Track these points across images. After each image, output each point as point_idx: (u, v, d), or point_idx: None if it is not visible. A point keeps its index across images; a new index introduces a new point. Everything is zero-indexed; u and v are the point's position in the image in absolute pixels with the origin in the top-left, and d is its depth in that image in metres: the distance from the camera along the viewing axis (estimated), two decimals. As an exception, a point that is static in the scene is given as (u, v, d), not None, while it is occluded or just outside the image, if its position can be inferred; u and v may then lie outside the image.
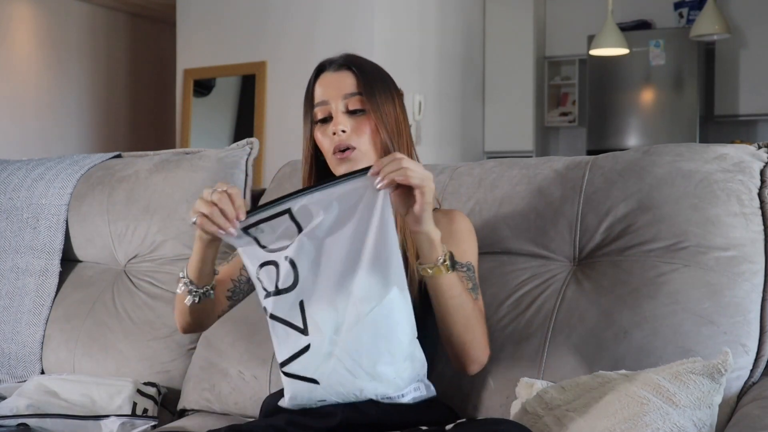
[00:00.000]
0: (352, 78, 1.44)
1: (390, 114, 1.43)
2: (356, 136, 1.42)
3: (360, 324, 1.23)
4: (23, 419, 1.63)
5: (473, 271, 1.45)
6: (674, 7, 5.85)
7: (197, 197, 1.27)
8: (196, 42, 5.07)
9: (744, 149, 1.55)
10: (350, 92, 1.43)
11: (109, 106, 6.49)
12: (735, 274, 1.43)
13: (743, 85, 5.68)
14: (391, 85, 1.48)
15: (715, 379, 1.23)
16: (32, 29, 5.88)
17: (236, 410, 1.74)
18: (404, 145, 1.45)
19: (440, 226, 1.44)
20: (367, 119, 1.42)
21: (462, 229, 1.48)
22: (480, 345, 1.39)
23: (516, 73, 6.03)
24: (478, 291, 1.44)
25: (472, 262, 1.46)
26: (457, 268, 1.37)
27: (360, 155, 1.42)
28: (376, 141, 1.43)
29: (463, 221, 1.49)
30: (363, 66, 1.46)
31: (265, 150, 4.68)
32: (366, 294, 1.22)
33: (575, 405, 1.30)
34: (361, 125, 1.42)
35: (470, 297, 1.37)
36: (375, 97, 1.42)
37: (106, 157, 2.28)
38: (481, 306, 1.44)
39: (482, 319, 1.41)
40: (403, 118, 1.47)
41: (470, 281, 1.43)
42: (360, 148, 1.42)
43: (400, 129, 1.45)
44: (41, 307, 2.07)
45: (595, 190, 1.58)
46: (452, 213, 1.51)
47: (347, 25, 4.57)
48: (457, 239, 1.47)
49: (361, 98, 1.42)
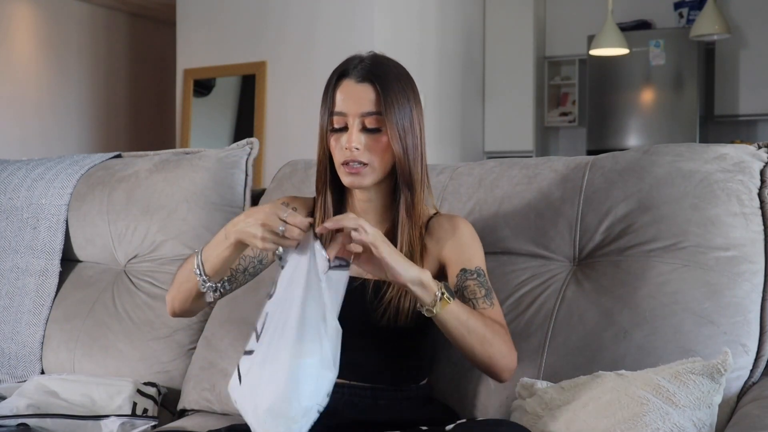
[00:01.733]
0: (373, 94, 1.39)
1: (407, 132, 1.41)
2: (369, 154, 1.40)
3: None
4: (23, 419, 1.63)
5: (484, 276, 1.43)
6: (674, 7, 5.85)
7: (197, 197, 1.27)
8: (196, 42, 5.07)
9: (744, 149, 1.55)
10: (369, 111, 1.39)
11: (109, 106, 6.49)
12: (735, 274, 1.43)
13: (743, 85, 5.67)
14: (413, 97, 1.44)
15: (714, 379, 1.23)
16: (32, 29, 5.88)
17: (236, 410, 1.74)
18: (418, 160, 1.43)
19: (443, 233, 1.44)
20: (383, 138, 1.40)
21: (466, 235, 1.46)
22: (505, 354, 1.36)
23: (516, 73, 6.03)
24: (493, 296, 1.42)
25: (481, 266, 1.45)
26: (468, 285, 1.39)
27: (370, 171, 1.41)
28: (387, 159, 1.42)
29: (465, 227, 1.48)
30: (386, 80, 1.41)
31: (265, 150, 4.68)
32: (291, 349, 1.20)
33: (575, 405, 1.30)
34: (376, 144, 1.40)
35: (479, 317, 1.34)
36: (394, 117, 1.39)
37: (106, 157, 2.28)
38: (497, 311, 1.41)
39: (500, 328, 1.38)
40: (420, 132, 1.44)
41: (483, 287, 1.41)
42: (371, 165, 1.41)
43: (416, 144, 1.43)
44: (41, 307, 2.07)
45: (595, 190, 1.58)
46: (454, 219, 1.49)
47: (347, 25, 4.57)
48: (462, 246, 1.45)
49: (379, 118, 1.39)
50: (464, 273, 1.42)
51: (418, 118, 1.43)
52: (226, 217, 1.99)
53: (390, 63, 1.46)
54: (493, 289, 1.43)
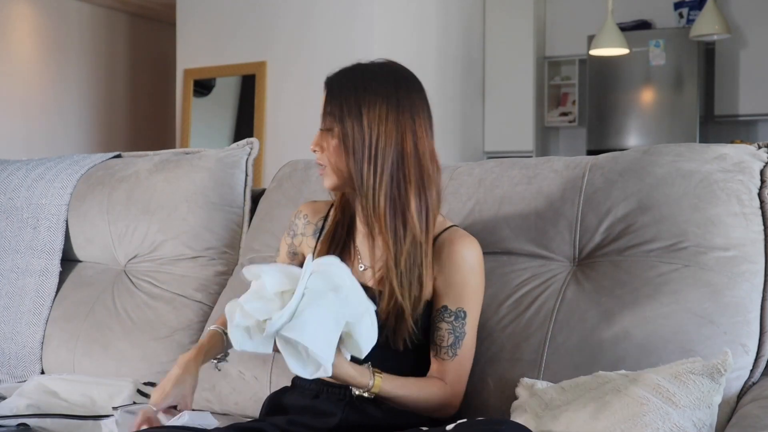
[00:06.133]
0: (327, 95, 1.41)
1: (357, 136, 1.36)
2: (324, 155, 1.41)
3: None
4: (23, 419, 1.63)
5: (463, 318, 1.40)
6: (674, 7, 5.84)
7: (197, 197, 1.28)
8: (196, 42, 5.07)
9: (744, 149, 1.55)
10: (324, 110, 1.41)
11: (109, 106, 6.49)
12: (735, 274, 1.43)
13: (743, 85, 5.67)
14: (379, 102, 1.37)
15: (714, 379, 1.23)
16: (32, 29, 5.88)
17: (236, 410, 1.74)
18: (367, 167, 1.36)
19: (442, 257, 1.41)
20: (333, 139, 1.39)
21: (461, 268, 1.41)
22: (439, 409, 1.41)
23: (516, 73, 6.03)
24: (460, 344, 1.40)
25: (465, 306, 1.41)
26: (440, 327, 1.40)
27: (328, 173, 1.42)
28: (339, 163, 1.39)
29: (464, 258, 1.41)
30: (340, 82, 1.40)
31: (265, 150, 4.68)
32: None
33: (575, 405, 1.30)
34: (328, 145, 1.40)
35: (412, 387, 1.37)
36: (339, 118, 1.38)
37: (106, 157, 2.28)
38: (458, 362, 1.41)
39: (436, 390, 1.39)
40: (376, 140, 1.36)
41: (453, 334, 1.39)
42: (328, 167, 1.41)
43: (375, 153, 1.36)
44: (41, 307, 2.07)
45: (595, 190, 1.58)
46: (455, 244, 1.42)
47: (347, 26, 4.57)
48: (452, 279, 1.41)
49: (331, 118, 1.39)
50: (443, 312, 1.41)
51: (379, 124, 1.36)
52: (226, 217, 1.99)
53: (369, 69, 1.42)
54: (466, 334, 1.41)
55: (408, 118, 1.38)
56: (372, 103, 1.37)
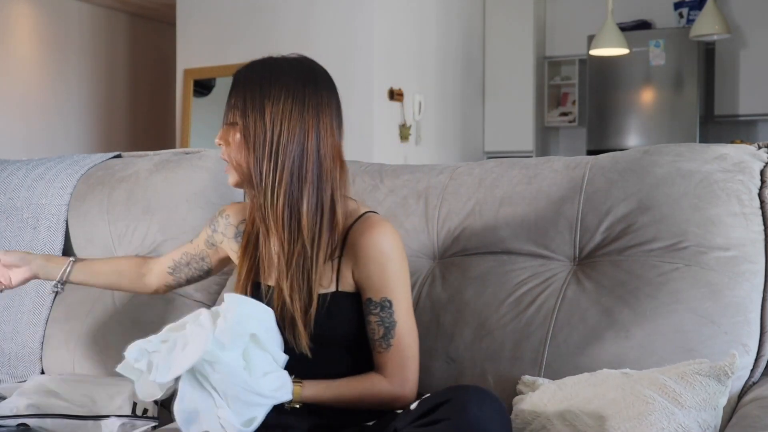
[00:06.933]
0: (231, 88, 1.37)
1: (258, 131, 1.32)
2: (227, 150, 1.37)
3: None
4: (23, 419, 1.63)
5: (389, 308, 1.36)
6: (674, 7, 5.84)
7: (197, 197, 1.28)
8: (196, 42, 5.07)
9: (744, 149, 1.55)
10: (228, 103, 1.38)
11: (109, 106, 6.49)
12: (735, 274, 1.43)
13: (743, 85, 5.67)
14: (284, 96, 1.33)
15: (721, 381, 1.23)
16: (32, 29, 5.88)
17: (236, 410, 1.73)
18: (278, 168, 1.31)
19: (356, 249, 1.36)
20: (236, 134, 1.35)
21: (373, 259, 1.35)
22: (382, 403, 1.37)
23: (516, 73, 6.03)
24: (392, 333, 1.36)
25: (389, 295, 1.36)
26: (369, 321, 1.37)
27: (230, 170, 1.38)
28: (240, 159, 1.35)
29: (375, 250, 1.35)
30: (245, 76, 1.37)
31: (265, 150, 4.67)
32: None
33: (577, 402, 1.30)
34: (232, 140, 1.36)
35: (344, 388, 1.36)
36: (242, 112, 1.34)
37: (106, 157, 2.28)
38: (394, 351, 1.36)
39: (370, 385, 1.36)
40: (278, 135, 1.31)
41: (383, 325, 1.36)
42: (231, 163, 1.38)
43: (276, 149, 1.31)
44: (41, 307, 2.07)
45: (595, 190, 1.58)
46: (365, 234, 1.36)
47: (347, 25, 4.57)
48: (369, 273, 1.36)
49: (234, 111, 1.36)
50: (369, 305, 1.37)
51: (282, 120, 1.32)
52: (226, 217, 1.99)
53: (278, 63, 1.40)
54: (397, 323, 1.36)
55: (313, 116, 1.34)
56: (276, 97, 1.33)
